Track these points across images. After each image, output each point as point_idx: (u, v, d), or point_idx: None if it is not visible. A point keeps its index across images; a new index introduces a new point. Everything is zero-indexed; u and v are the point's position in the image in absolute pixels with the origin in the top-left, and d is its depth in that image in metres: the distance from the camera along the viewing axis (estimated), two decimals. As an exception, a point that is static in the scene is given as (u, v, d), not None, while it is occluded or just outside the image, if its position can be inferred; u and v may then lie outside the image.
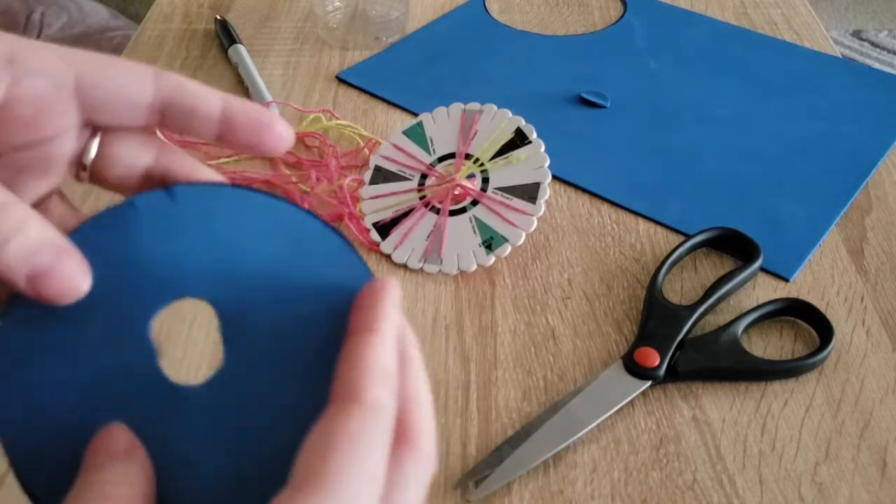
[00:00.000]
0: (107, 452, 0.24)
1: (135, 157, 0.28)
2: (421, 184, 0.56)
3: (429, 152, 0.57)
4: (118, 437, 0.25)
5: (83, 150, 0.27)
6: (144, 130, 0.28)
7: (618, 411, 0.44)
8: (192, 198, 0.27)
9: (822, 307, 0.50)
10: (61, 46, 0.26)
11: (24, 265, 0.23)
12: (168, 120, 0.27)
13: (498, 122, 0.57)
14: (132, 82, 0.27)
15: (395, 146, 0.58)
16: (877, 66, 2.06)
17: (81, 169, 0.28)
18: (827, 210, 0.58)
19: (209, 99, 0.27)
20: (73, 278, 0.24)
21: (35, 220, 0.24)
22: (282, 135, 0.28)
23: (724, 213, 0.57)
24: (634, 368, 0.45)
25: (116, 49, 1.59)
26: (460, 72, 0.71)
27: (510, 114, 0.57)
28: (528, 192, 0.53)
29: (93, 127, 0.27)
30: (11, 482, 0.41)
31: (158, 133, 0.29)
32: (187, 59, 0.73)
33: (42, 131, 0.26)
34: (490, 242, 0.52)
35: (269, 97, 0.66)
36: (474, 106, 0.58)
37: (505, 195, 0.54)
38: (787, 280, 0.52)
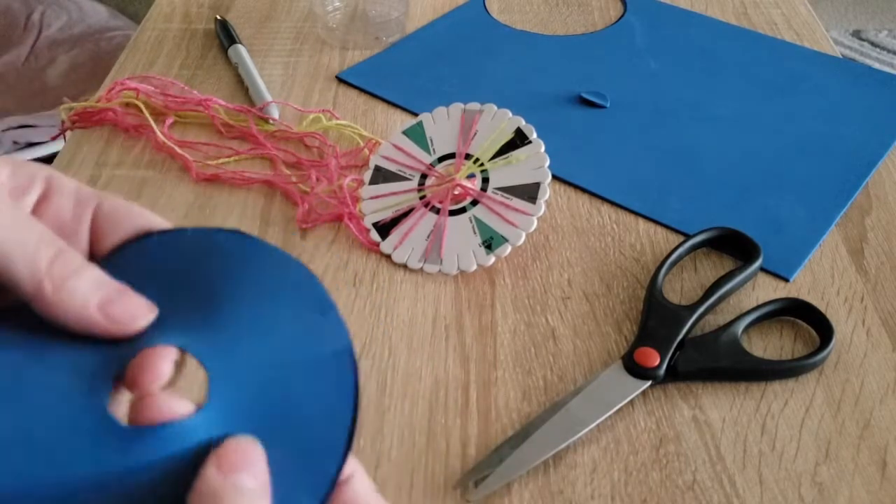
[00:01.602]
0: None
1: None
2: (421, 184, 0.56)
3: (429, 152, 0.57)
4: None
5: None
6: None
7: (618, 411, 0.44)
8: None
9: (822, 307, 0.50)
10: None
11: (96, 295, 0.25)
12: None
13: (498, 122, 0.57)
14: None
15: (395, 146, 0.58)
16: (877, 66, 2.06)
17: None
18: (827, 210, 0.58)
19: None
20: (139, 307, 0.26)
21: (92, 266, 0.26)
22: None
23: (724, 213, 0.57)
24: (634, 368, 0.45)
25: (116, 49, 1.59)
26: (460, 72, 0.71)
27: (510, 114, 0.57)
28: (528, 192, 0.53)
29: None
30: None
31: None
32: (187, 59, 0.73)
33: None
34: (490, 242, 0.52)
35: (268, 97, 0.66)
36: (474, 106, 0.58)
37: (505, 195, 0.54)
38: (787, 280, 0.52)
